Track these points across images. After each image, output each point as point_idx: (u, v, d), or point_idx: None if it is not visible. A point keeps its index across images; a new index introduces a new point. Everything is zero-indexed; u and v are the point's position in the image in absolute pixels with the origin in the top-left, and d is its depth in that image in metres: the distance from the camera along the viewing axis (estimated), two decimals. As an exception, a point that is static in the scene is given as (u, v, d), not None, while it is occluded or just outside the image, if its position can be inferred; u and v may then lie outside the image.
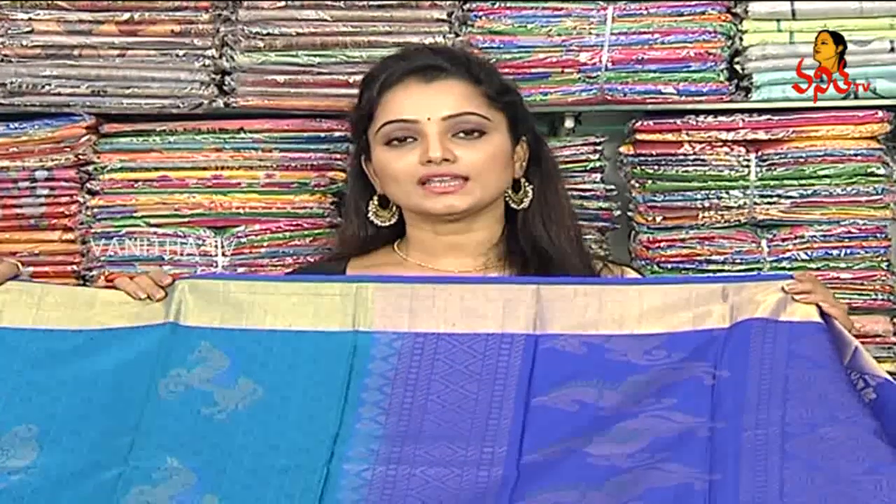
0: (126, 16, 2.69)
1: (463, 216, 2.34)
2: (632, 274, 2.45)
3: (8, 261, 2.20)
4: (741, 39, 2.73)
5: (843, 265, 2.74)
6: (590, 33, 2.73)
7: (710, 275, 2.70)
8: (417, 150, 2.31)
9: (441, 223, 2.36)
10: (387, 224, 2.42)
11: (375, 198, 2.42)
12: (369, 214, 2.43)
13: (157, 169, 2.73)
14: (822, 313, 2.06)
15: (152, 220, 2.72)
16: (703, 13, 2.73)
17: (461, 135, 2.32)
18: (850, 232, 2.74)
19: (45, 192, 2.71)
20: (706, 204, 2.75)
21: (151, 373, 2.06)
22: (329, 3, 2.71)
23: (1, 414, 2.03)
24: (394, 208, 2.42)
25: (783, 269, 2.73)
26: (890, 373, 2.64)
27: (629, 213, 2.79)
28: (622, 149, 2.78)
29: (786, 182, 2.74)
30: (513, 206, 2.40)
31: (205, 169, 2.74)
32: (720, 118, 2.74)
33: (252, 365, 2.07)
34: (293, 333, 2.09)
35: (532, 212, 2.40)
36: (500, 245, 2.40)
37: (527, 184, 2.41)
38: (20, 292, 2.14)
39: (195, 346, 2.08)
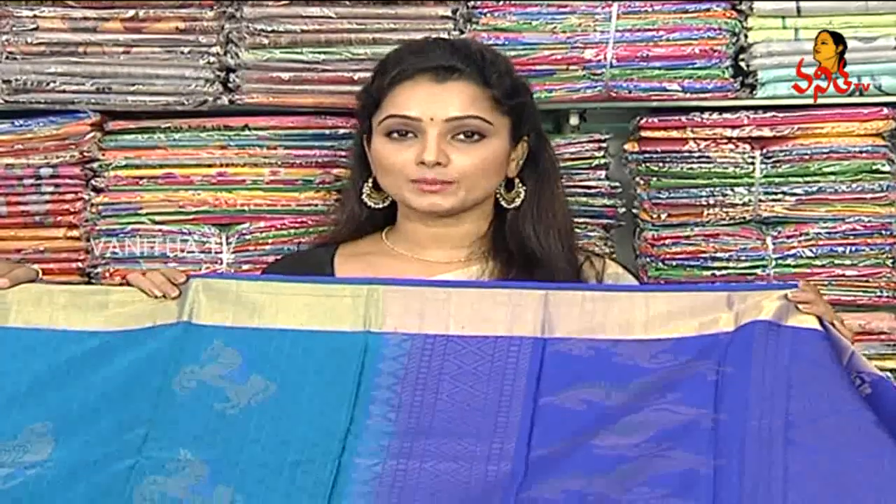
0: (131, 13, 2.68)
1: (448, 213, 2.36)
2: (614, 266, 2.47)
3: (28, 266, 2.23)
4: (746, 36, 2.72)
5: (848, 262, 2.74)
6: (595, 30, 2.72)
7: (716, 283, 2.69)
8: (415, 148, 2.33)
9: (430, 217, 2.39)
10: (379, 206, 2.44)
11: (371, 179, 2.44)
12: (363, 195, 2.45)
13: (161, 166, 2.73)
14: (822, 322, 2.09)
15: (157, 218, 2.72)
16: (707, 10, 2.72)
17: (461, 136, 2.34)
18: (855, 229, 2.73)
19: (50, 189, 2.70)
20: (711, 201, 2.74)
21: (164, 369, 2.08)
22: (334, -1, 2.71)
23: (17, 412, 2.06)
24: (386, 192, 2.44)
25: (788, 265, 2.73)
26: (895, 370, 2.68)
27: (634, 211, 2.78)
28: (627, 146, 2.77)
29: (791, 179, 2.73)
30: (503, 204, 2.42)
31: (209, 166, 2.73)
32: (725, 115, 2.73)
33: (264, 363, 2.09)
34: (305, 333, 2.11)
35: (523, 211, 2.42)
36: (485, 238, 2.43)
37: (520, 184, 2.43)
38: (35, 293, 2.16)
39: (207, 344, 2.10)
